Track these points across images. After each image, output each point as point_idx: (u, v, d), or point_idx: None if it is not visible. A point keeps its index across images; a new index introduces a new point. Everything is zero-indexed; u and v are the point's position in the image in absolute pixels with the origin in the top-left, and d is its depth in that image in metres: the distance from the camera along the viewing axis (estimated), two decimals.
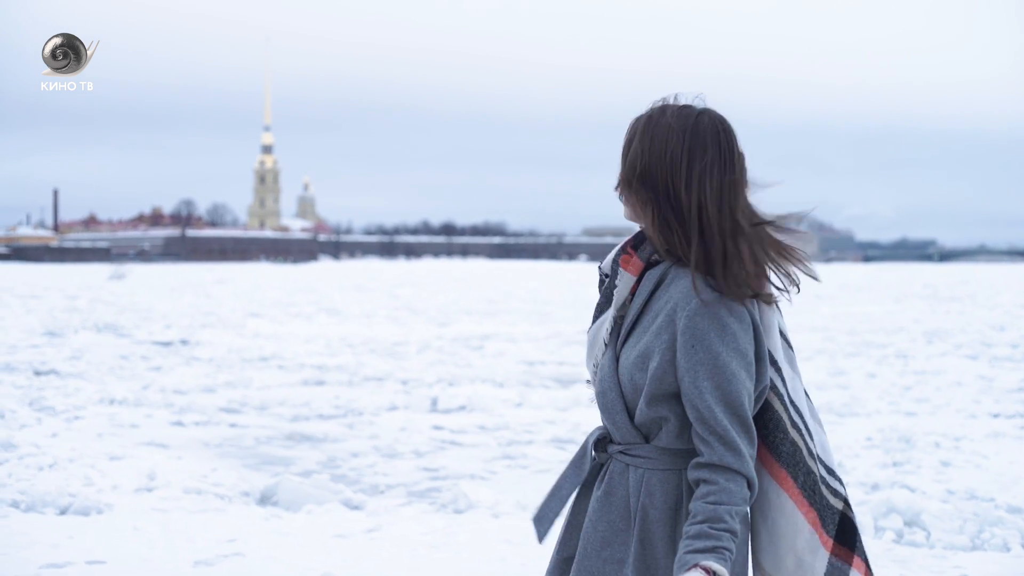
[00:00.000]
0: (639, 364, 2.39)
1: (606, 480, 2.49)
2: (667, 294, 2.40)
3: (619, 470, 2.47)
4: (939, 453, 9.75)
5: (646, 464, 2.43)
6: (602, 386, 2.47)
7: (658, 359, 2.36)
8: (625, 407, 2.44)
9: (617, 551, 2.43)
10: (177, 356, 19.45)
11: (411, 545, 6.72)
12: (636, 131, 2.44)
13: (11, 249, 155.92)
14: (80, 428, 11.26)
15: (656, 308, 2.41)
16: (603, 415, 2.49)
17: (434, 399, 13.71)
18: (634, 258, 2.47)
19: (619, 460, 2.47)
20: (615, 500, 2.45)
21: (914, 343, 22.02)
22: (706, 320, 2.32)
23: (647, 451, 2.43)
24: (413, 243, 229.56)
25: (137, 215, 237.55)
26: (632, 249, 2.49)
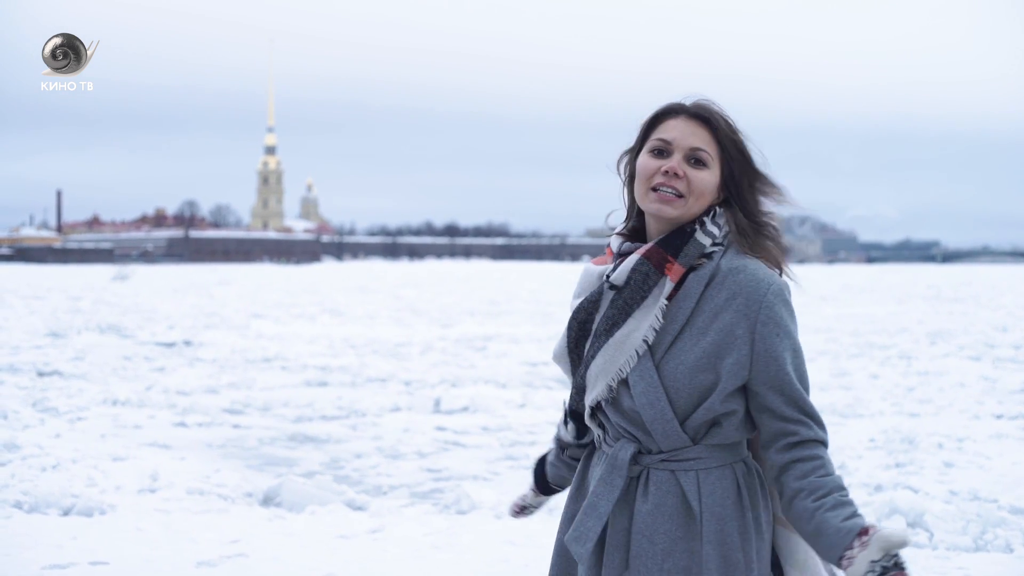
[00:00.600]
0: (704, 365, 2.36)
1: (650, 492, 2.41)
2: (725, 290, 2.39)
3: (664, 479, 2.41)
4: (942, 454, 9.74)
5: (696, 465, 2.41)
6: (645, 399, 2.38)
7: (736, 353, 2.36)
8: (675, 414, 2.39)
9: (680, 559, 2.38)
10: (180, 357, 19.46)
11: (414, 546, 6.72)
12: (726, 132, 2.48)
13: (14, 250, 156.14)
14: (83, 429, 11.26)
15: (713, 306, 2.39)
16: (634, 428, 2.42)
17: (437, 400, 13.71)
18: (676, 265, 2.41)
19: (661, 469, 2.42)
20: (667, 509, 2.40)
21: (917, 344, 21.99)
22: (781, 305, 2.39)
23: (696, 452, 2.41)
24: (416, 244, 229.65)
25: (140, 216, 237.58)
26: (672, 256, 2.42)
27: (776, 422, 2.38)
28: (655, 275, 2.42)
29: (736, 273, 2.40)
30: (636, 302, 2.42)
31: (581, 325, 2.53)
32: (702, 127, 2.46)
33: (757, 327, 2.36)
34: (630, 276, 2.43)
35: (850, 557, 2.21)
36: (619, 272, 2.45)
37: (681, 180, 2.43)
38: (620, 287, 2.45)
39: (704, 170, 2.44)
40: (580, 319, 2.54)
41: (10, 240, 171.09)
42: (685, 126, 2.46)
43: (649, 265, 2.42)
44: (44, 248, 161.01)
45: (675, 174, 2.43)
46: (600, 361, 2.44)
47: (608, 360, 2.43)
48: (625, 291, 2.44)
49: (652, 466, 2.43)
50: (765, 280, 2.39)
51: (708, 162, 2.44)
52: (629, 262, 2.45)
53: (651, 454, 2.43)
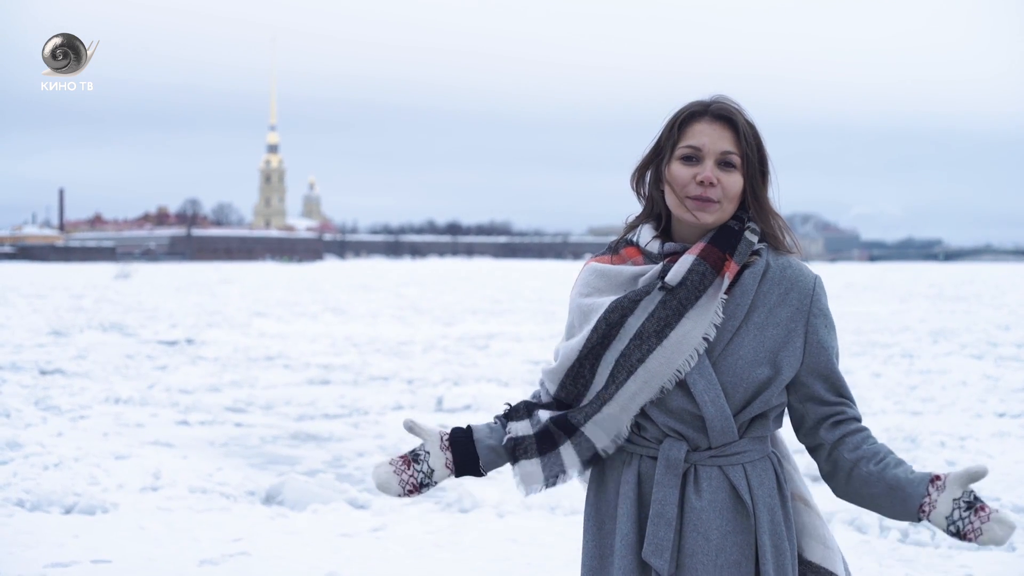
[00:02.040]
0: (764, 359, 2.41)
1: (703, 488, 2.43)
2: (778, 285, 2.45)
3: (714, 474, 2.43)
4: (944, 452, 9.73)
5: (743, 459, 2.45)
6: (707, 396, 2.40)
7: (792, 346, 2.43)
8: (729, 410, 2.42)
9: (731, 554, 2.41)
10: (182, 355, 19.46)
11: (416, 544, 6.72)
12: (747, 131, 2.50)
13: (17, 248, 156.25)
14: (85, 427, 11.27)
15: (769, 301, 2.44)
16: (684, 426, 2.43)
17: (439, 398, 13.71)
18: (732, 263, 2.43)
19: (710, 465, 2.44)
20: (718, 505, 2.42)
21: (919, 342, 21.98)
22: (826, 298, 2.50)
23: (741, 446, 2.45)
24: (418, 242, 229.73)
25: (143, 214, 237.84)
26: (729, 255, 2.44)
27: (822, 407, 2.48)
28: (711, 274, 2.43)
29: (785, 268, 2.47)
30: (691, 302, 2.42)
31: (611, 327, 2.47)
32: (727, 128, 2.48)
33: (810, 319, 2.45)
34: (687, 276, 2.42)
35: (931, 502, 2.31)
36: (674, 272, 2.43)
37: (716, 188, 2.45)
38: (675, 287, 2.43)
39: (734, 172, 2.47)
40: (612, 320, 2.47)
41: (13, 238, 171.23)
42: (712, 130, 2.48)
43: (706, 265, 2.43)
44: (46, 246, 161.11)
45: (710, 183, 2.45)
46: (654, 364, 2.41)
47: (664, 362, 2.41)
48: (680, 291, 2.43)
49: (700, 463, 2.44)
50: (811, 274, 2.48)
51: (736, 164, 2.47)
52: (684, 262, 2.44)
53: (699, 451, 2.44)
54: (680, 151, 2.49)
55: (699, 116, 2.50)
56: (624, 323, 2.46)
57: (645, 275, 2.49)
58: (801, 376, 2.45)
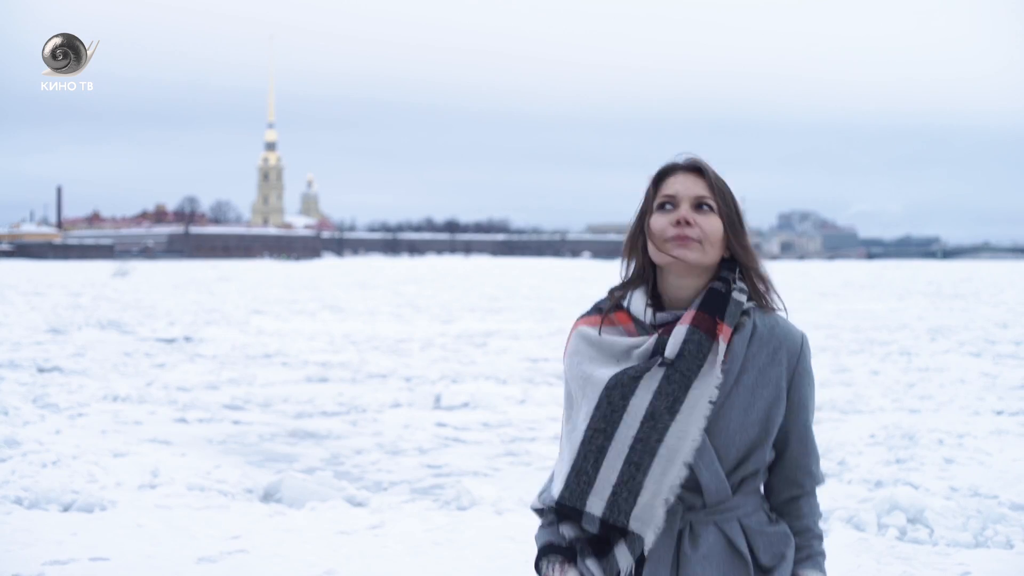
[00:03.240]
0: (755, 420, 2.43)
1: (699, 543, 2.43)
2: (767, 345, 2.47)
3: (710, 531, 2.44)
4: (942, 450, 9.73)
5: (738, 514, 2.46)
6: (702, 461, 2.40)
7: (780, 405, 2.46)
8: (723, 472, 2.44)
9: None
10: (181, 353, 19.46)
11: (414, 542, 6.72)
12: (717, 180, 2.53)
13: (15, 246, 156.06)
14: (84, 425, 11.27)
15: (759, 363, 2.45)
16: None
17: (437, 396, 13.71)
18: (725, 326, 2.44)
19: (704, 522, 2.44)
20: (715, 559, 2.42)
21: (917, 340, 21.99)
22: (810, 357, 2.54)
23: (736, 502, 2.46)
24: (416, 240, 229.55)
25: (141, 212, 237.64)
26: (720, 319, 2.44)
27: (788, 468, 2.54)
28: (708, 342, 2.42)
29: (773, 328, 2.49)
30: (694, 372, 2.41)
31: (612, 405, 2.43)
32: (699, 177, 2.52)
33: (795, 377, 2.48)
34: (684, 347, 2.42)
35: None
36: (671, 346, 2.42)
37: (693, 227, 2.46)
38: (673, 361, 2.42)
39: (711, 215, 2.48)
40: (613, 400, 2.43)
41: (10, 236, 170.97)
42: (684, 179, 2.51)
43: (700, 333, 2.42)
44: (44, 244, 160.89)
45: (687, 222, 2.46)
46: (673, 440, 2.39)
47: (682, 436, 2.39)
48: (680, 364, 2.41)
49: (696, 521, 2.45)
50: (798, 333, 2.51)
51: (712, 207, 2.49)
52: (679, 334, 2.43)
53: (693, 510, 2.45)
54: (657, 201, 2.52)
55: (672, 171, 2.54)
56: (628, 405, 2.43)
57: (639, 348, 2.47)
58: (781, 432, 2.50)
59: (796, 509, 2.55)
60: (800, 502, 2.56)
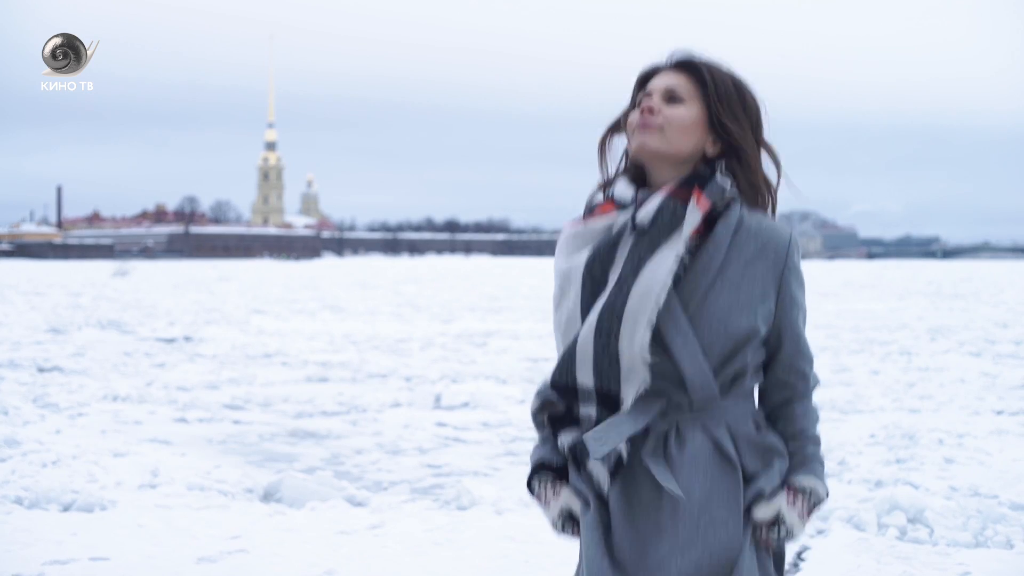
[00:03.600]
0: (739, 314, 2.37)
1: (685, 446, 2.38)
2: (753, 239, 2.41)
3: (696, 434, 2.38)
4: (942, 450, 9.73)
5: (726, 416, 2.41)
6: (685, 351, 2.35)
7: (768, 302, 2.42)
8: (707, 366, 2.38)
9: (718, 512, 2.36)
10: (181, 353, 19.46)
11: (414, 542, 6.72)
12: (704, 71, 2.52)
13: (15, 246, 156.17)
14: (83, 425, 11.26)
15: (744, 256, 2.40)
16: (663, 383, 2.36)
17: (437, 396, 13.71)
18: (703, 196, 2.40)
19: (692, 424, 2.39)
20: (702, 463, 2.37)
21: (917, 340, 21.98)
22: (799, 257, 2.49)
23: (725, 405, 2.41)
24: (417, 240, 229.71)
25: (141, 212, 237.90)
26: (699, 188, 2.41)
27: (780, 369, 2.50)
28: (682, 210, 2.39)
29: (760, 222, 2.44)
30: (663, 237, 2.38)
31: (595, 279, 2.41)
32: (680, 73, 2.51)
33: (784, 274, 2.43)
34: (657, 215, 2.39)
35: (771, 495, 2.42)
36: (644, 212, 2.40)
37: (656, 115, 2.45)
38: (647, 228, 2.39)
39: (679, 105, 2.47)
40: (595, 274, 2.41)
41: (10, 236, 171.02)
42: (664, 76, 2.52)
43: (676, 201, 2.40)
44: (44, 244, 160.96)
45: (650, 109, 2.46)
46: (634, 302, 2.33)
47: (642, 296, 2.33)
48: (652, 230, 2.39)
49: (682, 421, 2.40)
50: (787, 230, 2.45)
51: (684, 98, 2.47)
52: (654, 201, 2.41)
53: (679, 410, 2.40)
54: (637, 100, 2.53)
55: (657, 71, 2.54)
56: (608, 276, 2.40)
57: (616, 224, 2.45)
58: (769, 332, 2.46)
59: (789, 412, 2.49)
60: (793, 405, 2.50)
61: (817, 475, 2.45)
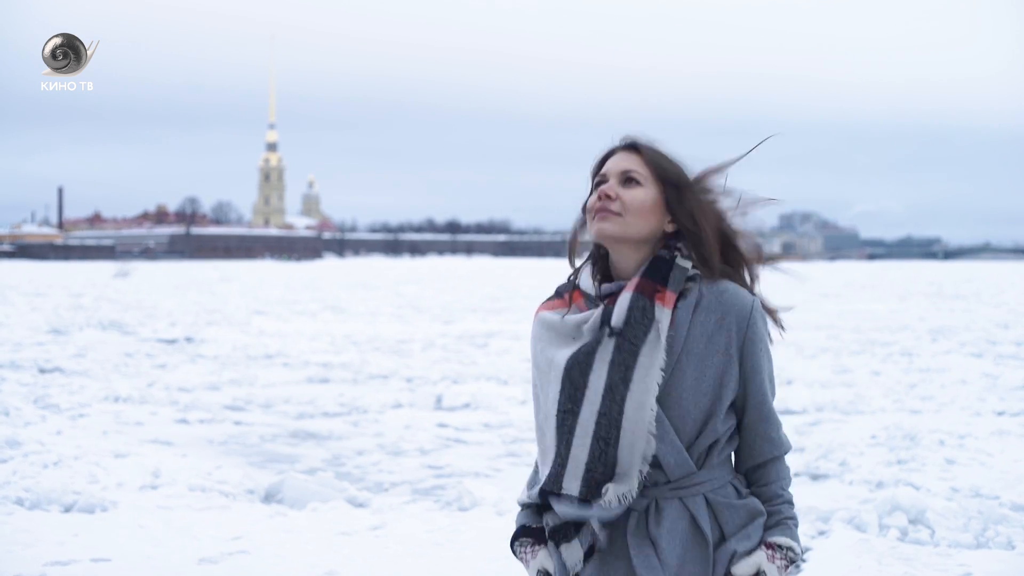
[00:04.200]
0: (706, 389, 2.43)
1: (663, 519, 2.43)
2: (713, 312, 2.45)
3: (674, 507, 2.44)
4: (944, 451, 9.73)
5: (703, 489, 2.46)
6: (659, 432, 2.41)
7: (732, 372, 2.45)
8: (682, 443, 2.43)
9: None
10: (182, 354, 19.47)
11: (416, 543, 6.73)
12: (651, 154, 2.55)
13: (16, 246, 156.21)
14: (85, 426, 11.27)
15: (705, 330, 2.44)
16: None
17: (438, 397, 13.71)
18: (667, 292, 2.44)
19: (670, 498, 2.44)
20: (678, 535, 2.43)
21: (919, 341, 21.98)
22: (763, 323, 2.50)
23: (701, 476, 2.45)
24: (418, 241, 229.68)
25: (142, 213, 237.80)
26: (661, 285, 2.45)
27: (748, 435, 2.53)
28: (651, 308, 2.42)
29: (721, 295, 2.47)
30: (640, 339, 2.41)
31: (574, 383, 2.45)
32: (632, 154, 2.54)
33: (745, 345, 2.45)
34: (629, 315, 2.42)
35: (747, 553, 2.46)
36: (617, 315, 2.43)
37: (614, 201, 2.49)
38: (621, 329, 2.42)
39: (637, 187, 2.50)
40: (574, 379, 2.45)
41: (12, 237, 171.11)
42: (618, 158, 2.55)
43: (644, 299, 2.43)
44: (46, 245, 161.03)
45: (608, 196, 2.49)
46: (631, 410, 2.40)
47: (639, 405, 2.40)
48: (627, 331, 2.42)
49: (660, 496, 2.44)
50: (748, 299, 2.47)
51: (641, 180, 2.51)
52: (623, 301, 2.44)
53: (657, 486, 2.44)
54: (594, 183, 2.57)
55: (612, 153, 2.58)
56: (587, 381, 2.44)
57: (587, 323, 2.48)
58: (735, 400, 2.49)
59: (762, 476, 2.54)
60: (766, 468, 2.54)
61: (792, 535, 2.50)
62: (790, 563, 2.48)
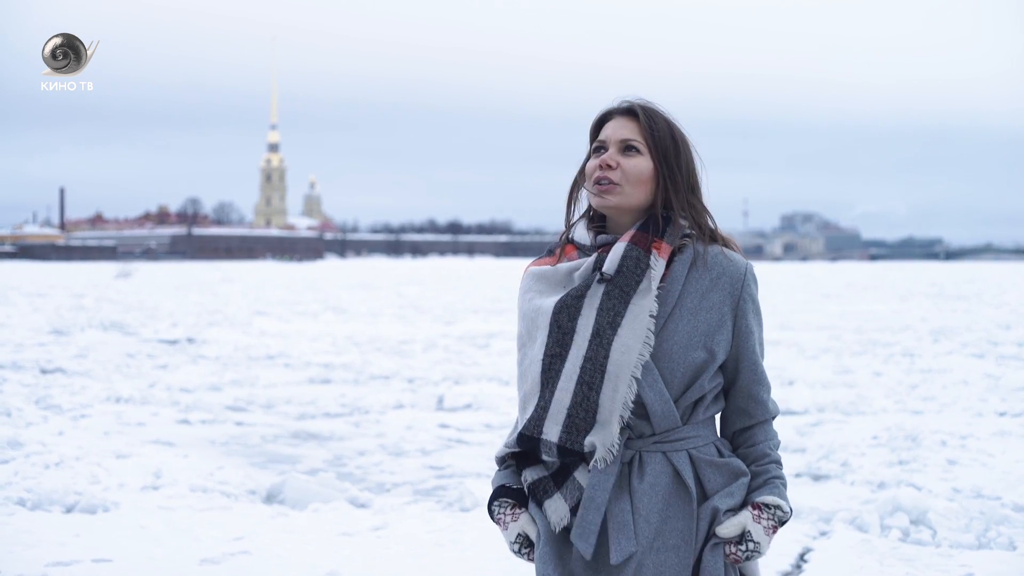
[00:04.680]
0: (697, 343, 2.46)
1: (646, 473, 2.46)
2: (709, 271, 2.50)
3: (657, 460, 2.46)
4: (945, 451, 9.72)
5: (687, 445, 2.49)
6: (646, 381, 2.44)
7: (724, 330, 2.50)
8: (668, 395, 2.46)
9: (670, 538, 2.45)
10: (183, 354, 19.47)
11: (417, 543, 6.73)
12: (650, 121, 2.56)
13: (18, 247, 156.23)
14: (86, 426, 11.27)
15: (700, 287, 2.49)
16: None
17: (440, 397, 13.71)
18: (664, 243, 2.49)
19: (653, 451, 2.47)
20: (660, 490, 2.45)
21: (920, 342, 21.97)
22: (755, 286, 2.57)
23: (685, 432, 2.49)
24: (419, 241, 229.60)
25: (143, 213, 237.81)
26: (658, 238, 2.49)
27: (738, 397, 2.58)
28: (645, 258, 2.47)
29: (716, 255, 2.53)
30: (632, 288, 2.46)
31: (562, 327, 2.49)
32: (631, 120, 2.57)
33: (739, 304, 2.51)
34: (622, 263, 2.47)
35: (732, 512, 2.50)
36: (610, 261, 2.48)
37: (615, 170, 2.52)
38: (613, 276, 2.47)
39: (637, 156, 2.54)
40: (562, 323, 2.49)
41: (13, 237, 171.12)
42: (616, 123, 2.58)
43: (638, 249, 2.48)
44: (47, 245, 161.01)
45: (608, 165, 2.53)
46: (616, 355, 2.43)
47: (625, 350, 2.43)
48: (619, 279, 2.47)
49: (644, 449, 2.47)
50: (742, 262, 2.55)
51: (640, 149, 2.54)
52: (617, 250, 2.49)
53: (642, 438, 2.47)
54: (593, 147, 2.61)
55: (609, 115, 2.61)
56: (575, 325, 2.47)
57: (579, 270, 2.53)
58: (727, 361, 2.54)
59: (750, 437, 2.57)
60: (754, 430, 2.58)
61: (780, 494, 2.51)
62: (779, 523, 2.50)
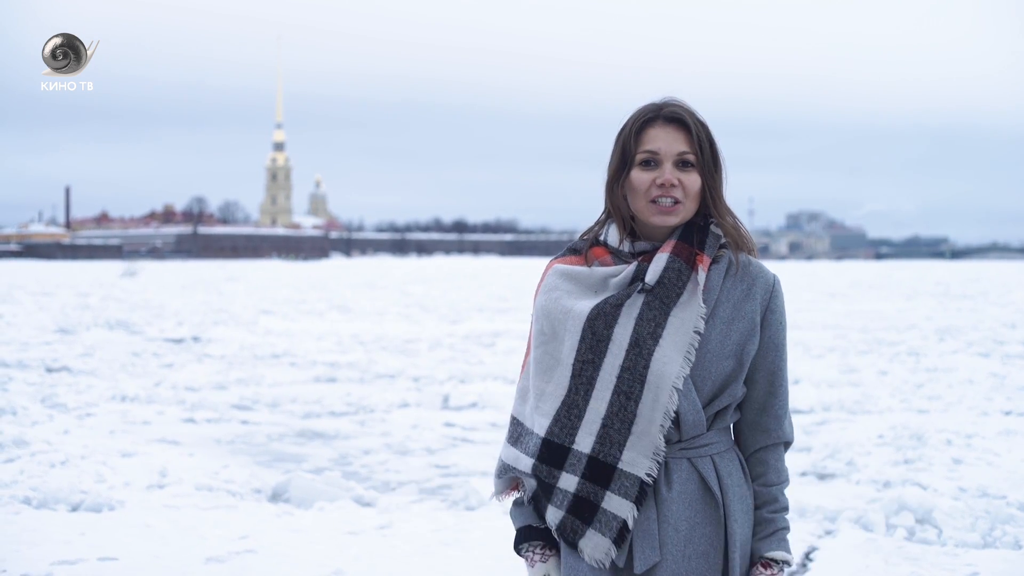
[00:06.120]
0: (730, 352, 2.47)
1: (673, 480, 2.46)
2: (742, 281, 2.52)
3: (683, 467, 2.47)
4: (951, 451, 9.71)
5: (711, 451, 2.50)
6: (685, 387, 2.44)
7: (754, 339, 2.50)
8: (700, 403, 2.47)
9: (699, 545, 2.46)
10: (189, 353, 19.49)
11: (422, 542, 6.73)
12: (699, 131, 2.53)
13: (23, 246, 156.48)
14: (92, 425, 11.28)
15: (735, 296, 2.50)
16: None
17: (445, 396, 13.71)
18: (704, 256, 2.49)
19: (679, 458, 2.47)
20: (688, 497, 2.46)
21: (926, 340, 21.94)
22: (782, 296, 2.58)
23: (709, 438, 2.50)
24: (425, 240, 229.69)
25: (149, 212, 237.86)
26: (699, 249, 2.49)
27: (754, 410, 2.57)
28: (687, 271, 2.46)
29: (747, 265, 2.53)
30: (673, 299, 2.45)
31: (596, 334, 2.45)
32: (680, 130, 2.52)
33: (768, 315, 2.52)
34: (664, 274, 2.46)
35: None
36: (652, 272, 2.47)
37: (677, 188, 2.49)
38: (654, 287, 2.46)
39: (692, 172, 2.51)
40: (597, 330, 2.45)
41: (19, 236, 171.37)
42: (666, 133, 2.52)
43: (680, 261, 2.47)
44: (53, 244, 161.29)
45: (671, 184, 2.49)
46: (658, 366, 2.42)
47: (667, 362, 2.42)
48: (659, 290, 2.46)
49: (670, 455, 2.47)
50: (771, 273, 2.56)
51: (693, 163, 2.51)
52: (659, 261, 2.47)
53: (669, 444, 2.47)
54: (639, 157, 2.52)
55: (652, 121, 2.53)
56: (612, 334, 2.45)
57: (618, 276, 2.50)
58: (751, 371, 2.54)
59: (762, 467, 2.56)
60: (767, 456, 2.56)
61: (787, 547, 2.54)
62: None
